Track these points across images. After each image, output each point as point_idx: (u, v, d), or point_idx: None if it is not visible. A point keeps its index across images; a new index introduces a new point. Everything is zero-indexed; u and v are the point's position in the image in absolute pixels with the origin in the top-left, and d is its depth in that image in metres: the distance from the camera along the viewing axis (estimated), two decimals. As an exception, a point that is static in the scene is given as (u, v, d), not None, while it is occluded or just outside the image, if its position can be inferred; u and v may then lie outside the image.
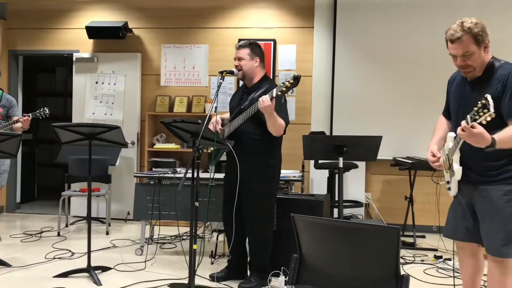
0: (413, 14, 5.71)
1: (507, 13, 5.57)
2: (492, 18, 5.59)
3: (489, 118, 2.28)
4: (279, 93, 3.29)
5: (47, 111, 4.62)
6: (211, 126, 3.75)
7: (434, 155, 2.77)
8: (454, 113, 2.78)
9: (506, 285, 2.61)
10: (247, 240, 3.83)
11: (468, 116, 2.34)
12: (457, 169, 2.66)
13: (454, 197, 2.82)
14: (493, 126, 2.38)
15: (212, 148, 3.87)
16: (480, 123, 2.31)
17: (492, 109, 2.25)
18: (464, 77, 2.69)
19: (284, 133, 3.65)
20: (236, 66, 3.72)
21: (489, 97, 2.28)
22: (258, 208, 3.68)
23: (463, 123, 2.36)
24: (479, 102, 2.30)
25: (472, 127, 2.31)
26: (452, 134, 2.71)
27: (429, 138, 2.97)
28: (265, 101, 3.34)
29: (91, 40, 6.34)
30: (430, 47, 5.56)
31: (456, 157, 2.65)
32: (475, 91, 2.60)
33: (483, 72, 2.61)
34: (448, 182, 2.81)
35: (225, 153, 3.85)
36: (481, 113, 2.28)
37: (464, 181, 2.68)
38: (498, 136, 2.37)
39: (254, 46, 3.74)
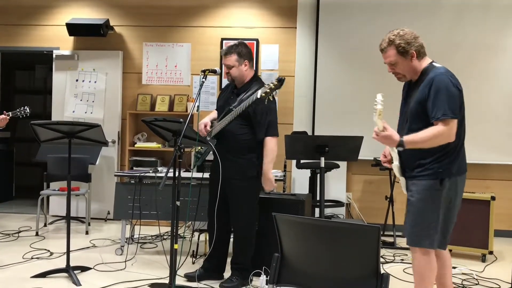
0: (395, 16, 5.77)
1: (483, 14, 5.67)
2: (468, 19, 5.70)
3: (379, 114, 2.59)
4: (263, 94, 3.30)
5: (28, 110, 4.53)
6: (201, 128, 3.73)
7: (385, 156, 3.04)
8: (403, 114, 2.95)
9: (422, 274, 2.79)
10: (230, 239, 3.82)
11: (373, 114, 2.67)
12: (395, 165, 2.90)
13: None
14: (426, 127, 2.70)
15: (200, 148, 3.85)
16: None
17: (379, 106, 2.58)
18: (410, 81, 2.89)
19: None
20: (227, 75, 3.72)
21: (378, 95, 2.61)
22: (241, 207, 3.68)
23: (375, 128, 2.68)
24: (375, 100, 2.62)
25: (384, 129, 2.64)
26: None
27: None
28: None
29: (72, 37, 6.26)
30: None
31: (394, 154, 2.89)
32: (412, 94, 2.83)
33: (420, 75, 2.80)
34: None
35: (211, 152, 3.84)
36: (375, 110, 2.61)
37: (405, 177, 2.91)
38: (407, 137, 2.68)
39: (240, 48, 3.69)
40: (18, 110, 4.50)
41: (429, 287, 2.80)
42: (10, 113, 4.47)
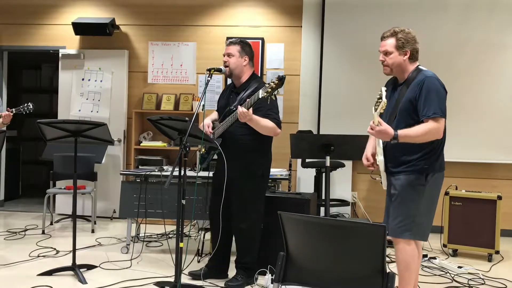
0: (401, 15, 5.75)
1: (489, 13, 5.63)
2: (474, 17, 5.67)
3: (384, 107, 2.71)
4: (265, 94, 3.29)
5: (31, 106, 4.55)
6: (205, 130, 3.72)
7: (368, 159, 3.13)
8: (387, 111, 3.04)
9: (408, 263, 2.92)
10: (233, 238, 3.82)
11: (373, 107, 2.74)
12: (380, 160, 2.99)
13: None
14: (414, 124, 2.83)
15: (204, 150, 3.85)
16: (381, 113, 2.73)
17: (384, 98, 2.69)
18: (395, 81, 3.05)
19: (280, 129, 3.62)
20: (225, 62, 3.71)
21: (383, 88, 2.74)
22: (247, 206, 3.67)
23: (371, 122, 2.77)
24: (378, 93, 2.72)
25: (379, 124, 2.73)
26: None
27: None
28: (241, 113, 3.37)
29: (78, 37, 6.28)
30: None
31: (379, 149, 2.97)
32: (401, 93, 2.97)
33: (408, 76, 2.95)
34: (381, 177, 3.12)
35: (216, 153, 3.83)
36: (378, 103, 2.71)
37: (387, 172, 3.01)
38: (401, 131, 2.79)
39: (244, 44, 3.73)
40: (21, 106, 4.53)
41: (414, 276, 2.95)
42: (13, 109, 4.49)
